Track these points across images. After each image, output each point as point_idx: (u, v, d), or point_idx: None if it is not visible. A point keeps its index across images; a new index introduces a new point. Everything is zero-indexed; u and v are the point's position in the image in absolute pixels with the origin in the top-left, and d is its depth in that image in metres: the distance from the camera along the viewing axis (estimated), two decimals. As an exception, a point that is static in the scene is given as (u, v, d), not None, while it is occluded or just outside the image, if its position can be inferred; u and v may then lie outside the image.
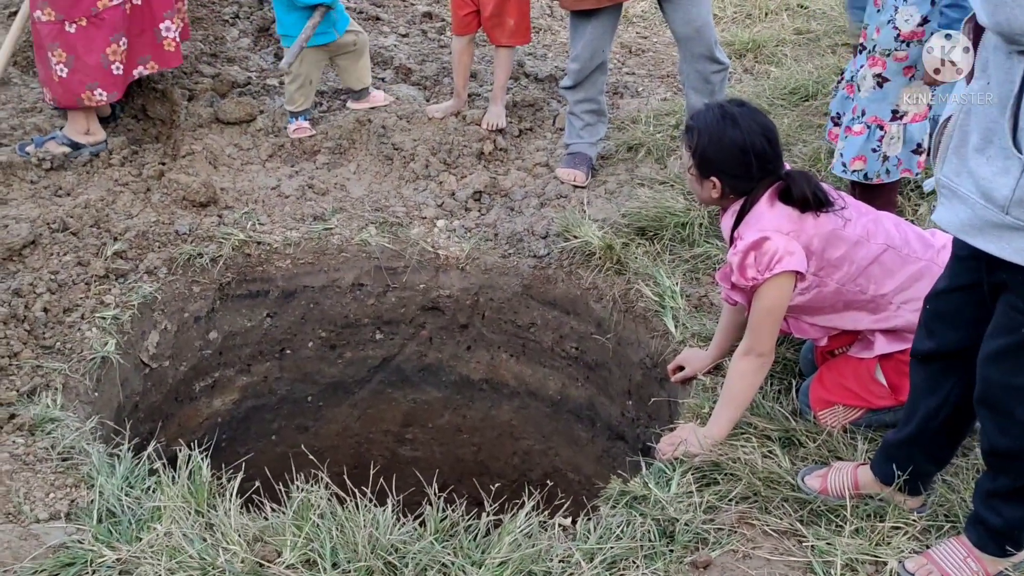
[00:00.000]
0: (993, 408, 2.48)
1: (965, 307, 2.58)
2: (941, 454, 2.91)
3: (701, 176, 3.19)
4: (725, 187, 3.17)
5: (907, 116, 4.27)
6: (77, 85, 4.91)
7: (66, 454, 3.27)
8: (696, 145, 3.15)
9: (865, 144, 4.32)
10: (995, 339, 2.42)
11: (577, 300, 4.64)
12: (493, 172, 5.27)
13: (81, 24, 4.82)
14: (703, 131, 3.14)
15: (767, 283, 3.09)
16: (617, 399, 4.62)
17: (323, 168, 5.29)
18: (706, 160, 3.15)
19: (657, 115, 5.64)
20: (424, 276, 4.85)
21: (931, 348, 2.70)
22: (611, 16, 4.88)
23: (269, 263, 4.68)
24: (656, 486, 3.18)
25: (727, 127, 3.11)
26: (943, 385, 2.72)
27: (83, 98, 4.94)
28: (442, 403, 5.21)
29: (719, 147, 3.12)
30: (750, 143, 3.10)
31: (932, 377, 2.74)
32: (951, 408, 2.74)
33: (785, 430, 3.38)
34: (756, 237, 3.09)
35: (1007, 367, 2.41)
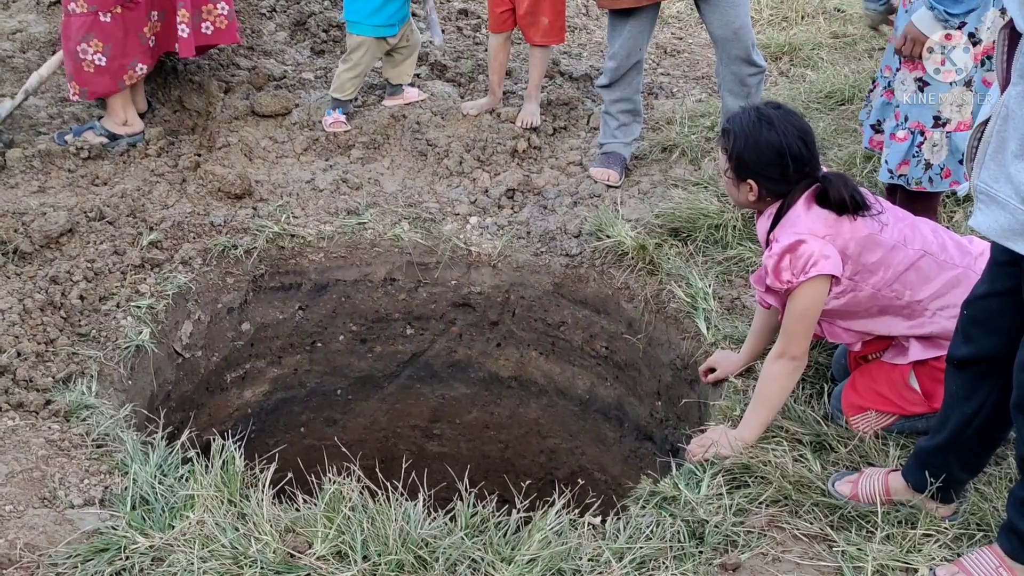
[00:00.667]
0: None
1: (1003, 312, 2.56)
2: (975, 461, 2.89)
3: (738, 179, 3.19)
4: (762, 190, 3.16)
5: (951, 124, 4.20)
6: (118, 69, 4.96)
7: (100, 441, 3.31)
8: (732, 148, 3.15)
9: (908, 150, 4.28)
10: None
11: (608, 300, 4.64)
12: (527, 170, 5.28)
13: (116, 12, 4.88)
14: (739, 134, 3.14)
15: (802, 286, 3.07)
16: (646, 400, 4.61)
17: (357, 163, 5.31)
18: (743, 163, 3.14)
19: (692, 116, 5.63)
20: (456, 272, 4.86)
21: (968, 354, 2.67)
22: (649, 16, 4.87)
23: (302, 256, 4.71)
24: (686, 487, 3.18)
25: (763, 129, 3.10)
26: (979, 391, 2.70)
27: (124, 79, 4.98)
28: (470, 399, 5.22)
29: (755, 149, 3.11)
30: (787, 145, 3.09)
31: (968, 383, 2.72)
32: (987, 415, 2.72)
33: (816, 434, 3.37)
34: (792, 240, 3.07)
35: None
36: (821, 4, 7.67)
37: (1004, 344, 2.57)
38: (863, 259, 3.13)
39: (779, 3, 7.57)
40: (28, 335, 3.73)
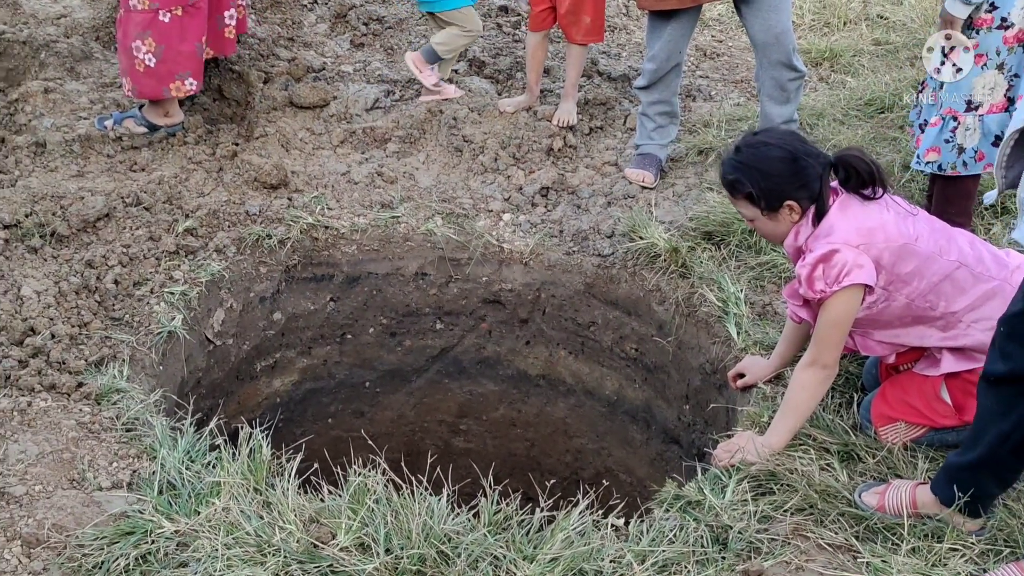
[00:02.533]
0: None
1: None
2: (1008, 476, 2.86)
3: (773, 211, 3.16)
4: (801, 202, 3.13)
5: (983, 107, 4.19)
6: (166, 75, 4.88)
7: (130, 425, 3.34)
8: (754, 187, 3.12)
9: (939, 135, 4.26)
10: None
11: (639, 301, 4.63)
12: (561, 169, 5.27)
13: (176, 13, 4.80)
14: (748, 171, 3.12)
15: (835, 296, 3.06)
16: (674, 403, 4.60)
17: (393, 156, 5.32)
18: (771, 192, 3.11)
19: (729, 120, 5.60)
20: (487, 269, 4.87)
21: (1005, 371, 2.64)
22: (690, 18, 4.86)
23: (335, 248, 4.73)
24: (711, 492, 3.17)
25: (761, 152, 3.12)
26: (1016, 409, 2.66)
27: (170, 88, 4.92)
28: (498, 396, 5.23)
29: (771, 172, 3.10)
30: (788, 148, 3.11)
31: (1004, 400, 2.68)
32: (1022, 432, 2.69)
33: (844, 444, 3.35)
34: (826, 250, 3.06)
35: None
36: (864, 10, 7.61)
37: None
38: (897, 269, 3.11)
39: (821, 8, 7.52)
40: (62, 318, 3.77)
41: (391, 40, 6.42)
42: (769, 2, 4.70)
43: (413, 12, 6.72)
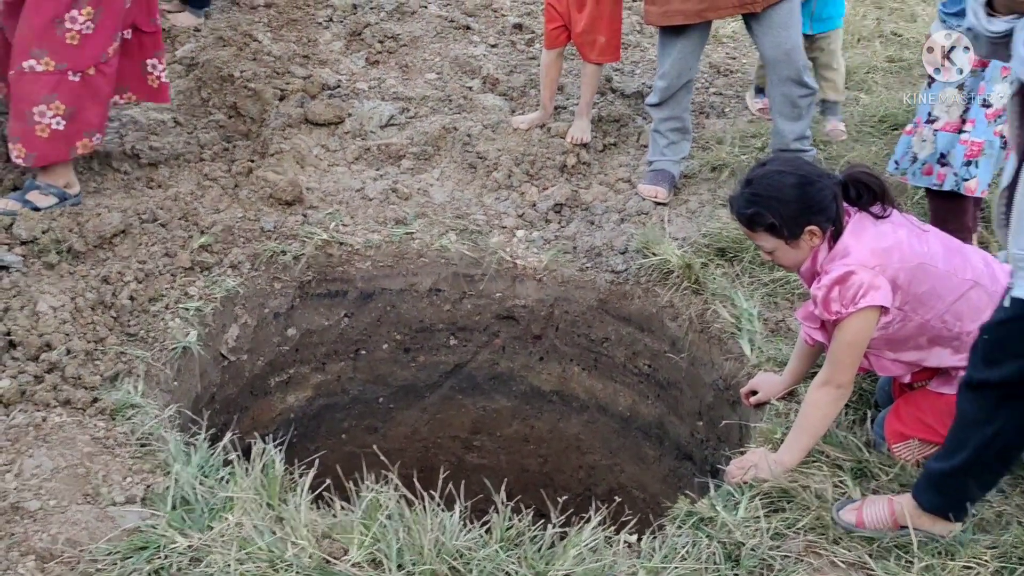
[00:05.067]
0: None
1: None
2: (991, 480, 2.88)
3: (795, 239, 3.16)
4: (821, 225, 3.13)
5: (939, 122, 4.25)
6: (74, 134, 4.46)
7: (144, 440, 3.35)
8: (775, 216, 3.11)
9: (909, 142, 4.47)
10: None
11: (652, 317, 4.63)
12: (575, 185, 5.29)
13: (89, 74, 4.41)
14: (766, 202, 3.12)
15: (851, 317, 3.05)
16: (687, 419, 4.60)
17: (407, 173, 5.35)
18: (791, 219, 3.11)
19: (743, 136, 5.61)
20: (501, 285, 4.88)
21: (989, 378, 2.65)
22: (700, 34, 4.87)
23: (349, 264, 4.74)
24: (724, 509, 3.16)
25: (775, 180, 3.12)
26: (999, 415, 2.68)
27: (77, 147, 4.50)
28: (511, 412, 5.23)
29: (788, 198, 3.10)
30: (800, 172, 3.12)
31: (988, 406, 2.69)
32: (1008, 436, 2.70)
33: (858, 461, 3.34)
34: (842, 271, 3.06)
35: None
36: (878, 27, 7.61)
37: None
38: (913, 289, 3.11)
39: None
40: (78, 333, 3.79)
41: (406, 58, 6.46)
42: (779, 19, 4.71)
43: (428, 30, 6.75)
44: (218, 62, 5.74)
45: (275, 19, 6.57)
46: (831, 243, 3.15)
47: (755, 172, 3.21)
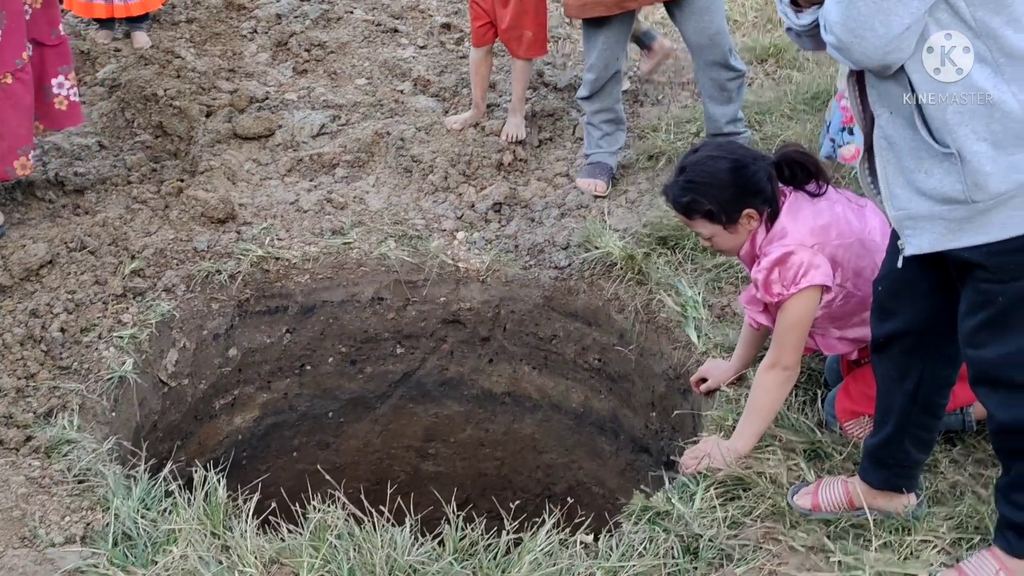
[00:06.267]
0: (993, 383, 2.46)
1: (918, 279, 2.58)
2: (928, 437, 2.87)
3: (733, 223, 3.11)
4: (757, 206, 3.09)
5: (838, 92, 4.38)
6: (7, 153, 4.32)
7: (82, 476, 3.25)
8: (710, 202, 3.07)
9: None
10: (973, 317, 2.43)
11: (599, 311, 4.58)
12: (513, 183, 5.23)
13: (6, 82, 4.24)
14: (700, 188, 3.08)
15: (792, 298, 3.02)
16: (640, 411, 4.56)
17: (341, 182, 5.26)
18: (727, 203, 3.07)
19: (678, 123, 5.57)
20: (444, 289, 4.81)
21: (891, 329, 2.69)
22: (623, 24, 4.82)
23: (288, 278, 4.65)
24: (679, 501, 3.13)
25: (708, 166, 3.09)
26: (913, 366, 2.70)
27: (15, 167, 4.35)
28: (464, 417, 5.16)
29: (723, 183, 3.06)
30: (733, 156, 3.10)
31: (899, 363, 2.72)
32: (928, 387, 2.72)
33: (811, 442, 3.32)
34: (780, 253, 3.03)
35: (993, 338, 2.41)
36: (806, 5, 7.61)
37: (924, 311, 2.61)
38: (853, 265, 3.09)
39: (764, 5, 7.51)
40: (8, 371, 3.68)
41: (334, 65, 6.36)
42: (701, 4, 4.67)
43: (355, 35, 6.66)
44: (140, 81, 5.61)
45: (198, 34, 6.45)
46: (768, 225, 3.12)
47: (688, 159, 3.17)
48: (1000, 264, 2.33)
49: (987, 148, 2.25)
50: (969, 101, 2.24)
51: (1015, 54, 2.20)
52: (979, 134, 2.25)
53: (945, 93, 2.26)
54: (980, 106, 2.24)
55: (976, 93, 2.23)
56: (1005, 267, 2.33)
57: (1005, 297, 2.35)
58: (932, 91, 2.27)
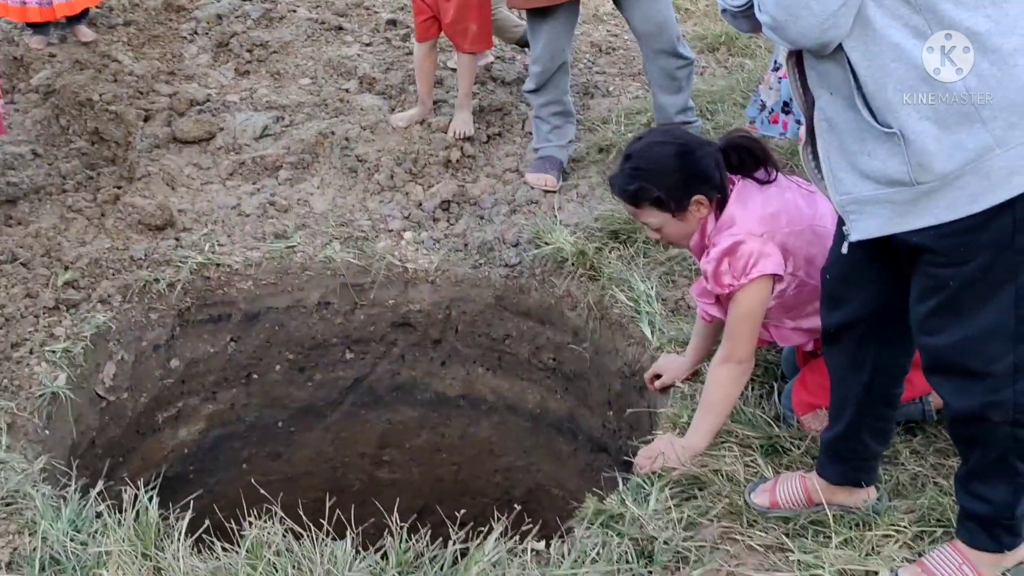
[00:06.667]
0: (946, 371, 2.37)
1: (866, 265, 2.49)
2: (885, 428, 2.79)
3: (682, 211, 3.00)
4: (707, 193, 2.98)
5: (782, 69, 4.25)
6: None
7: (9, 499, 3.09)
8: (658, 189, 2.95)
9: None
10: (925, 303, 2.34)
11: (552, 309, 4.47)
12: (461, 180, 5.10)
13: None
14: (647, 175, 2.96)
15: (744, 288, 2.92)
16: (597, 410, 4.45)
17: (285, 184, 5.11)
18: (675, 190, 2.96)
19: (628, 114, 5.47)
20: (393, 291, 4.68)
21: (841, 318, 2.60)
22: (568, 14, 4.70)
23: (230, 285, 4.50)
24: (634, 503, 3.01)
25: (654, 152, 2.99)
26: (866, 356, 2.62)
27: None
28: (418, 422, 5.03)
29: (670, 169, 2.95)
30: (679, 141, 3.00)
31: (851, 352, 2.64)
32: (883, 376, 2.64)
33: (768, 437, 3.22)
34: (729, 243, 2.92)
35: (946, 324, 2.31)
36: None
37: (874, 298, 2.52)
38: (805, 252, 3.00)
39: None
40: (-69, 390, 3.52)
41: (277, 65, 6.21)
42: None
43: (299, 34, 6.51)
44: (75, 87, 5.44)
45: (136, 37, 6.28)
46: (717, 214, 3.02)
47: (633, 146, 3.06)
48: (949, 247, 2.23)
49: (930, 127, 2.15)
50: (909, 79, 2.14)
51: (955, 28, 2.10)
52: (922, 113, 2.15)
53: (885, 71, 2.16)
54: (921, 83, 2.14)
55: (916, 70, 2.13)
56: (955, 250, 2.23)
57: (956, 281, 2.25)
58: (871, 69, 2.17)
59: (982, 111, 2.11)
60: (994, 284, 2.23)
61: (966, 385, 2.34)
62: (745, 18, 2.43)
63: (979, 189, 2.15)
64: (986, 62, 2.10)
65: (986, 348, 2.29)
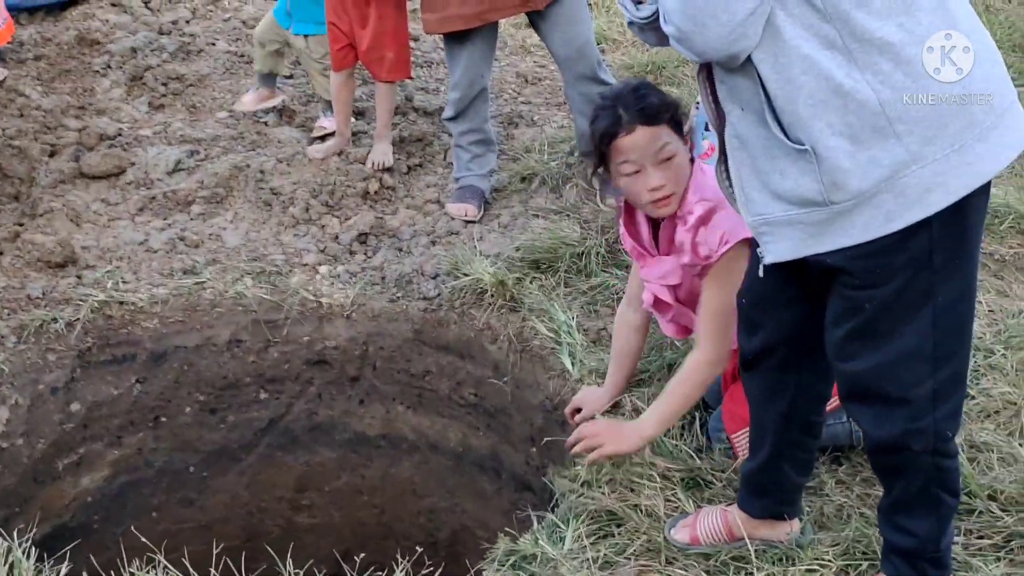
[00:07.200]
0: (864, 398, 2.25)
1: (783, 288, 2.35)
2: (806, 458, 2.66)
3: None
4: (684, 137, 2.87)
5: None
6: None
7: None
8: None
9: None
10: (840, 326, 2.21)
11: (471, 342, 4.31)
12: (380, 212, 4.95)
13: None
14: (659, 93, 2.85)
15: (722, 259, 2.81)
16: (520, 447, 4.27)
17: (197, 219, 4.92)
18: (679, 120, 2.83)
19: (552, 143, 5.35)
20: (307, 327, 4.49)
21: (759, 344, 2.46)
22: (487, 39, 4.58)
23: (134, 324, 4.30)
24: (548, 542, 2.85)
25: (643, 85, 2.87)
26: (785, 384, 2.49)
27: None
28: (337, 464, 4.81)
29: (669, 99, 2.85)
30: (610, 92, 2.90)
31: (770, 380, 2.51)
32: (802, 404, 2.51)
33: (689, 469, 3.08)
34: (703, 210, 2.82)
35: (863, 348, 2.19)
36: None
37: (791, 322, 2.39)
38: None
39: (643, 25, 7.38)
40: None
41: (193, 98, 6.03)
42: (566, 15, 4.46)
43: (216, 67, 6.34)
44: None
45: (46, 71, 6.08)
46: None
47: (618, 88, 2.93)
48: (864, 268, 2.10)
49: (844, 143, 2.02)
50: (820, 92, 2.01)
51: (867, 38, 1.97)
52: (834, 128, 2.02)
53: (795, 84, 2.02)
54: (832, 96, 2.00)
55: (827, 83, 2.00)
56: (870, 271, 2.10)
57: (872, 303, 2.13)
58: (781, 82, 2.04)
59: (896, 126, 1.99)
60: (911, 306, 2.12)
61: (885, 412, 2.22)
62: (652, 31, 2.30)
63: (895, 207, 2.02)
64: (900, 73, 1.98)
65: (904, 373, 2.17)
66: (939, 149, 2.00)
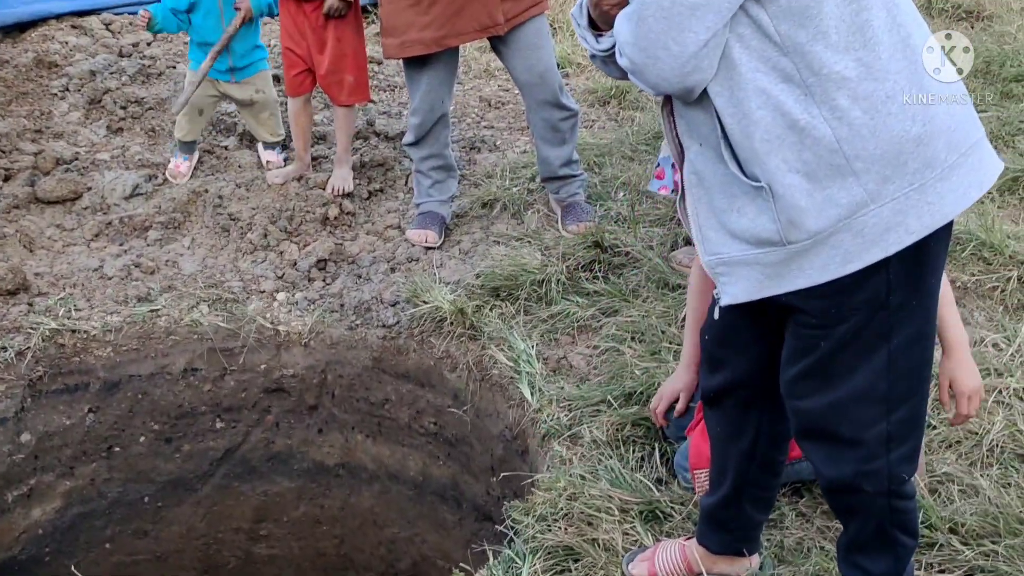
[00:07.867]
0: (817, 437, 2.22)
1: (744, 326, 2.32)
2: (767, 496, 2.62)
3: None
4: None
5: None
6: None
7: None
8: None
9: None
10: (795, 364, 2.17)
11: (431, 371, 4.26)
12: (339, 238, 4.89)
13: None
14: None
15: None
16: (481, 476, 4.23)
17: (154, 245, 4.85)
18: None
19: (514, 168, 5.32)
20: (264, 355, 4.43)
21: (721, 382, 2.42)
22: (447, 63, 4.54)
23: (87, 352, 4.22)
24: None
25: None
26: (748, 422, 2.45)
27: None
28: (296, 494, 4.75)
29: None
30: None
31: (733, 419, 2.47)
32: (764, 444, 2.48)
33: (648, 502, 3.03)
34: None
35: (817, 387, 2.15)
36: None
37: (753, 360, 2.35)
38: None
39: (608, 49, 7.37)
40: None
41: (152, 122, 5.95)
42: (527, 40, 4.44)
43: (177, 91, 6.27)
44: None
45: (2, 94, 5.98)
46: None
47: None
48: (820, 308, 2.07)
49: (800, 180, 1.97)
50: (776, 127, 1.96)
51: (824, 73, 1.93)
52: (790, 164, 1.97)
53: (751, 119, 1.98)
54: (788, 132, 1.96)
55: (783, 118, 1.96)
56: (826, 311, 2.06)
57: (827, 342, 2.09)
58: (737, 116, 2.00)
59: (854, 163, 1.95)
60: (866, 346, 2.08)
61: (838, 452, 2.19)
62: (614, 63, 2.26)
63: (853, 248, 1.98)
64: (858, 110, 1.94)
65: (857, 413, 2.14)
66: (898, 188, 1.96)
